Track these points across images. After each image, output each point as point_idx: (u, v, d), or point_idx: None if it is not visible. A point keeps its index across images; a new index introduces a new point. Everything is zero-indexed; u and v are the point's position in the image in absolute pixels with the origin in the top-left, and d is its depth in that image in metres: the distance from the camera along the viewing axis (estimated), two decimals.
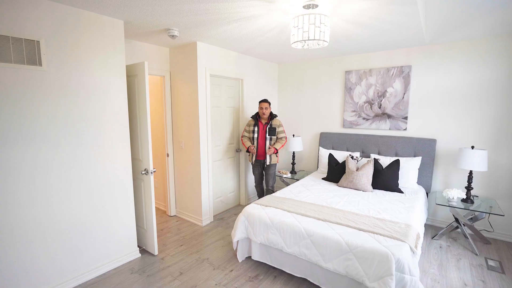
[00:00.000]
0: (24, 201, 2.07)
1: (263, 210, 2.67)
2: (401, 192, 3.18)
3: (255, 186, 4.04)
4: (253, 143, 3.73)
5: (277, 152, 3.72)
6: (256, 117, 3.76)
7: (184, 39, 3.19)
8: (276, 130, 3.71)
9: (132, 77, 2.74)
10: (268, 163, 3.74)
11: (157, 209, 4.22)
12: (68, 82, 2.23)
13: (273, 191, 3.86)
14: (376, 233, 2.16)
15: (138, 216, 2.99)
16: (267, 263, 2.59)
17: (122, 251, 2.73)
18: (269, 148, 3.67)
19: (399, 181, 3.37)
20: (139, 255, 2.87)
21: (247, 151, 3.78)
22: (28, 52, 2.01)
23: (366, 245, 2.03)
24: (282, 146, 3.73)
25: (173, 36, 2.84)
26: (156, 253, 2.88)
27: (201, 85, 3.39)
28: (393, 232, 2.17)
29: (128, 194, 2.73)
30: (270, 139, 3.71)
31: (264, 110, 3.64)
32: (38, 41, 2.04)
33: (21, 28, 1.97)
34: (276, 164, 3.84)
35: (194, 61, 3.34)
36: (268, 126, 3.69)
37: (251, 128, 3.78)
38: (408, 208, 2.71)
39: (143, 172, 2.75)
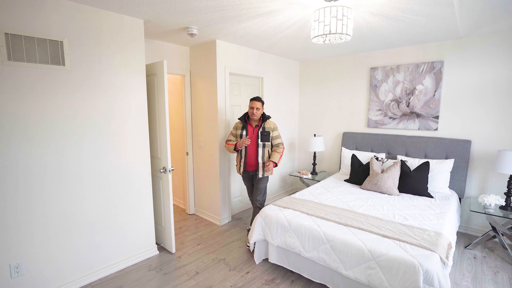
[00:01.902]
0: (45, 198, 2.14)
1: (281, 211, 2.58)
2: (431, 196, 2.96)
3: (249, 197, 3.34)
4: (242, 151, 3.05)
5: (276, 166, 3.03)
6: (245, 119, 3.07)
7: (203, 38, 3.17)
8: (271, 135, 3.01)
9: (152, 76, 2.76)
10: (260, 175, 3.02)
11: (176, 207, 4.27)
12: (90, 81, 2.28)
13: (261, 208, 3.13)
14: (402, 241, 2.00)
15: (157, 213, 3.02)
16: (285, 266, 2.51)
17: (141, 248, 2.76)
18: (266, 164, 2.96)
19: (428, 185, 3.14)
20: (157, 252, 2.89)
21: (235, 149, 3.03)
22: (52, 52, 2.07)
23: (391, 253, 1.89)
24: (281, 156, 3.06)
25: (192, 34, 2.83)
26: (173, 251, 2.90)
27: (220, 84, 3.36)
28: (421, 240, 2.00)
29: (147, 192, 2.76)
30: (264, 146, 2.99)
31: (255, 111, 2.94)
32: (61, 42, 2.10)
33: (46, 29, 2.03)
34: (268, 177, 3.18)
35: (213, 59, 3.32)
36: (260, 129, 2.99)
37: (238, 131, 3.07)
38: (438, 214, 2.51)
39: (161, 170, 2.77)
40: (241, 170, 3.11)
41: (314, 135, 4.18)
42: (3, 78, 1.89)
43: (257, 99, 2.98)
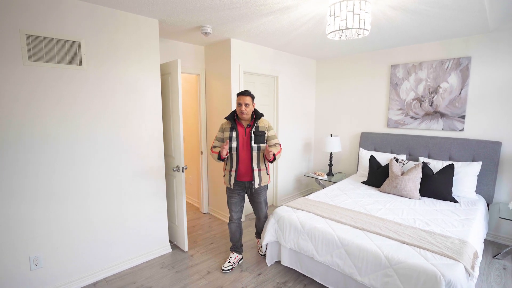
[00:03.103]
0: (57, 194, 2.20)
1: (294, 213, 2.52)
2: (456, 201, 2.78)
3: (228, 223, 2.64)
4: (232, 157, 2.44)
5: (273, 161, 2.40)
6: (234, 118, 2.48)
7: (217, 36, 3.16)
8: (266, 135, 2.47)
9: (166, 75, 2.78)
10: (257, 184, 2.46)
11: (191, 205, 4.30)
12: (105, 80, 2.33)
13: (265, 220, 2.72)
14: (423, 248, 1.88)
15: (170, 212, 3.04)
16: (297, 269, 2.44)
17: (154, 245, 2.79)
18: (268, 150, 2.32)
19: (453, 189, 2.96)
20: (170, 250, 2.91)
21: (220, 158, 2.42)
22: (70, 53, 2.13)
23: (410, 261, 1.78)
24: (280, 152, 2.47)
25: (206, 33, 2.82)
26: (186, 249, 2.90)
27: (234, 83, 3.34)
28: (444, 248, 1.87)
29: (161, 190, 2.78)
30: (258, 149, 2.43)
31: (243, 108, 2.38)
32: (79, 42, 2.15)
33: (64, 30, 2.09)
34: (267, 185, 2.63)
35: (228, 58, 3.30)
36: (253, 129, 2.44)
37: (226, 134, 2.45)
38: (463, 220, 2.35)
39: (174, 169, 2.78)
40: (232, 181, 2.46)
41: (331, 135, 4.06)
42: (24, 78, 1.96)
43: (245, 93, 2.41)
